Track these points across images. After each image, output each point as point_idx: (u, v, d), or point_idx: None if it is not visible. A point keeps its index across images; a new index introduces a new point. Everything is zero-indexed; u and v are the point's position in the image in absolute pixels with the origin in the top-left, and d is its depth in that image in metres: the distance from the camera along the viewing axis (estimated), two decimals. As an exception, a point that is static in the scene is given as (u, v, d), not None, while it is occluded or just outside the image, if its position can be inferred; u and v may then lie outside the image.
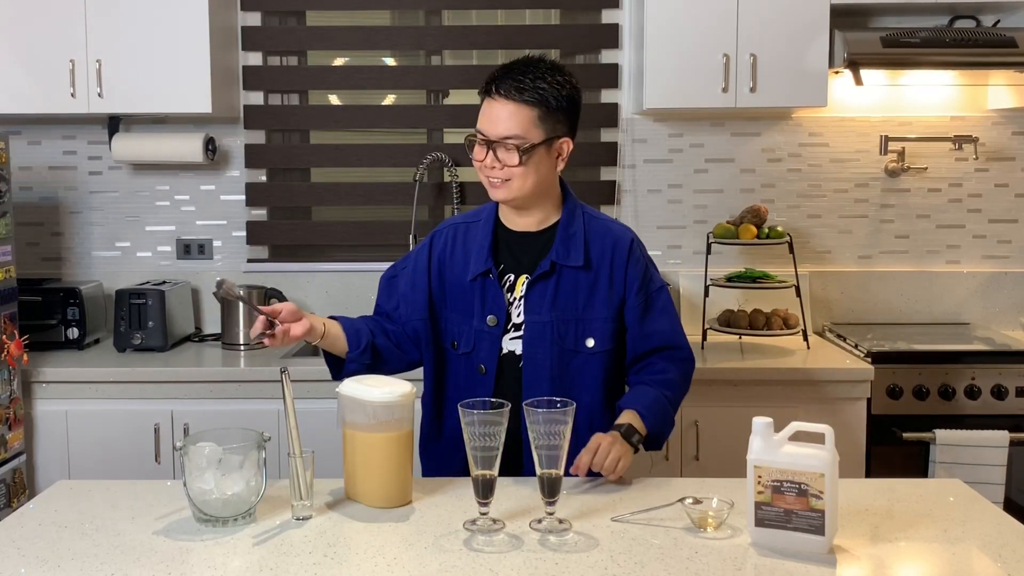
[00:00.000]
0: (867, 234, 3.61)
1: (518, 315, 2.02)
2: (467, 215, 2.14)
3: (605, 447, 1.86)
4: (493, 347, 2.02)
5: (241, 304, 3.22)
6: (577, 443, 1.81)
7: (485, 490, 1.65)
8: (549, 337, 1.99)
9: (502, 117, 1.91)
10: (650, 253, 2.13)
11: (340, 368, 2.08)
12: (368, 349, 2.06)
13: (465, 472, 1.69)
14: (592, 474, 1.87)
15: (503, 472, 1.90)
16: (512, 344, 2.02)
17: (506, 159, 1.92)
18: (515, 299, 2.02)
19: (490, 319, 2.01)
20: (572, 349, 2.00)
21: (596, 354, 2.01)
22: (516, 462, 1.96)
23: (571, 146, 2.00)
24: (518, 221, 2.04)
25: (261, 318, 1.87)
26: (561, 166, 2.00)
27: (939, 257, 3.62)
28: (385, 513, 1.74)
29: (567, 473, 1.70)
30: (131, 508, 1.77)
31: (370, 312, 2.24)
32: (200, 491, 1.67)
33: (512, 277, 2.03)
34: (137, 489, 1.87)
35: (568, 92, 1.95)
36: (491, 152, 1.93)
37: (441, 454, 2.11)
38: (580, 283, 2.00)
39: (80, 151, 3.60)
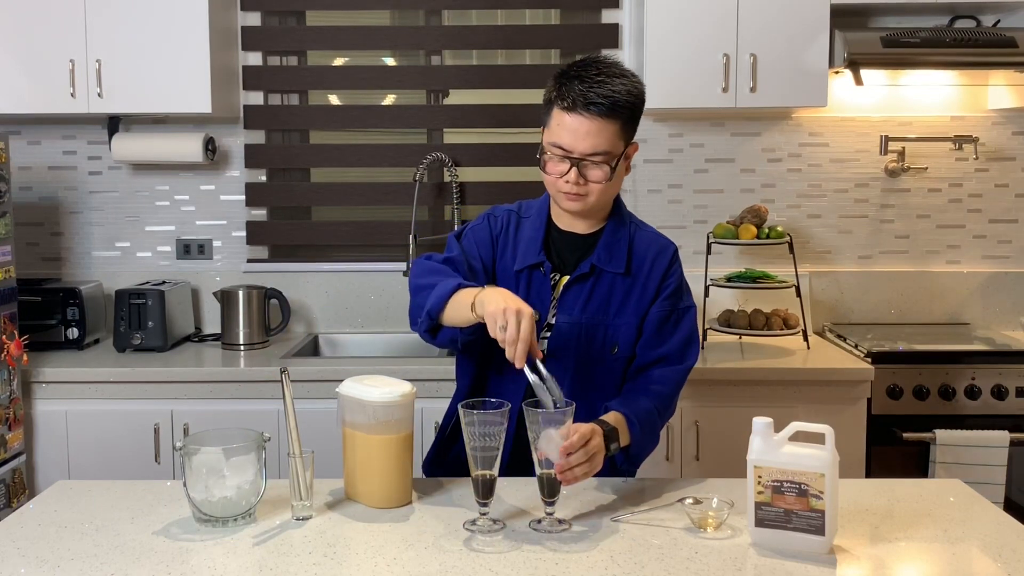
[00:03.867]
0: (867, 234, 3.61)
1: (553, 315, 1.96)
2: (518, 207, 2.06)
3: (593, 446, 1.68)
4: None
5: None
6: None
7: (485, 490, 1.65)
8: (577, 339, 1.93)
9: (591, 133, 1.82)
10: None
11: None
12: None
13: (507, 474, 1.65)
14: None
15: (515, 473, 1.91)
16: (541, 343, 1.94)
17: (592, 175, 1.85)
18: (555, 298, 1.96)
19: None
20: (598, 354, 1.95)
21: (619, 360, 1.97)
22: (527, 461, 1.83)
23: (637, 147, 1.95)
24: (571, 222, 1.98)
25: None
26: (630, 170, 1.96)
27: (939, 257, 3.62)
28: (385, 513, 1.74)
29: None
30: (131, 508, 1.77)
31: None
32: (200, 491, 1.67)
33: (557, 276, 1.98)
34: (137, 489, 1.87)
35: (641, 97, 1.89)
36: (575, 168, 1.84)
37: (453, 456, 2.04)
38: (616, 289, 1.95)
39: (80, 151, 3.60)
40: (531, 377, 1.70)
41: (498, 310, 1.68)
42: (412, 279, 1.97)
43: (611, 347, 1.96)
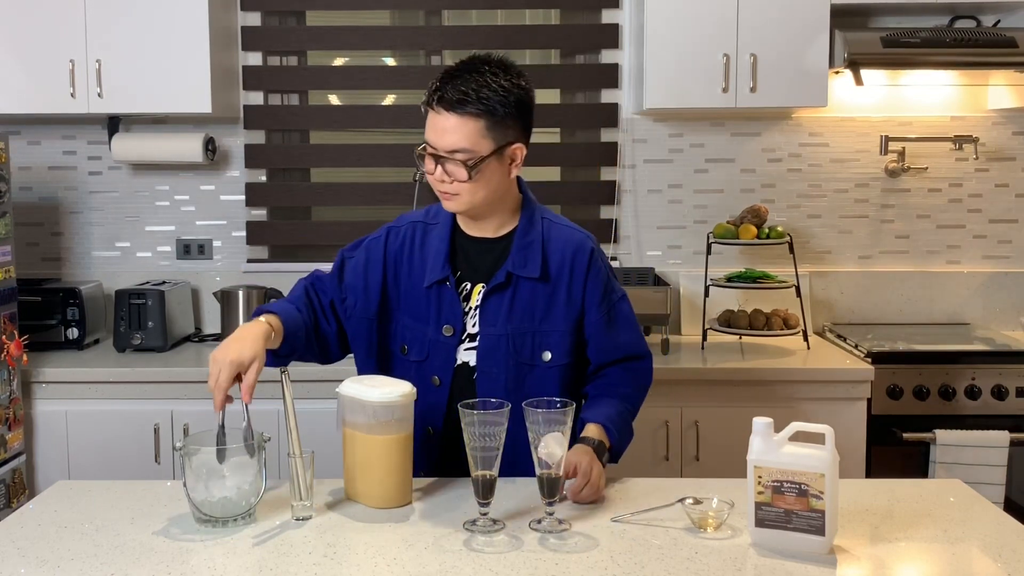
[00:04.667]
0: (867, 234, 3.61)
1: (473, 325, 1.92)
2: (427, 213, 2.01)
3: (596, 475, 1.79)
4: (448, 357, 1.92)
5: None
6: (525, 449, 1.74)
7: (485, 490, 1.65)
8: (504, 350, 1.90)
9: (447, 130, 1.80)
10: (650, 253, 2.09)
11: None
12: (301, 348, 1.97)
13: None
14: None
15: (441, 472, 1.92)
16: (466, 355, 1.93)
17: (455, 173, 1.82)
18: (471, 308, 1.92)
19: (446, 329, 1.91)
20: (528, 362, 1.91)
21: (553, 367, 1.93)
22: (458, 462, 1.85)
23: (525, 151, 1.88)
24: (475, 228, 1.95)
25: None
26: (515, 172, 1.90)
27: (939, 257, 3.62)
28: (385, 513, 1.74)
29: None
30: (131, 508, 1.77)
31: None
32: (200, 491, 1.67)
33: (469, 286, 1.93)
34: (137, 489, 1.87)
35: (517, 96, 1.83)
36: (440, 166, 1.83)
37: (436, 455, 2.04)
38: (538, 295, 1.91)
39: (80, 151, 3.60)
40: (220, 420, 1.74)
41: (210, 360, 1.76)
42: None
43: (541, 354, 1.92)
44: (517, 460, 1.81)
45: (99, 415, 3.02)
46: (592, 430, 1.89)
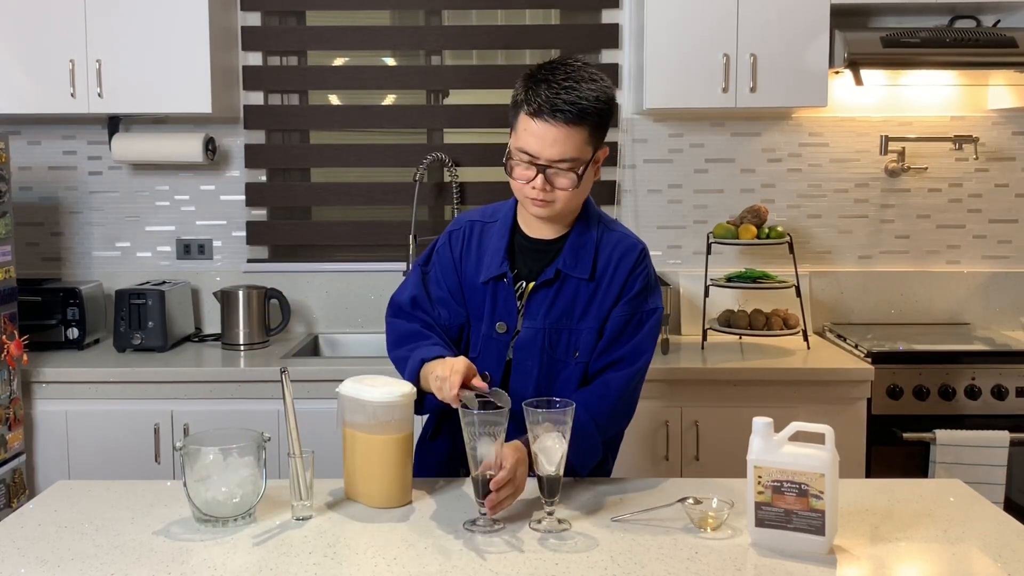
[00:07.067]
0: (867, 234, 3.61)
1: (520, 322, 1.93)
2: (484, 212, 2.02)
3: (521, 475, 1.71)
4: (500, 354, 1.93)
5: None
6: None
7: (485, 490, 1.65)
8: (540, 344, 1.90)
9: (557, 140, 1.77)
10: (650, 253, 2.07)
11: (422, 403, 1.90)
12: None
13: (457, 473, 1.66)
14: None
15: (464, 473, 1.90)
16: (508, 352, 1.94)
17: (559, 182, 1.80)
18: (523, 307, 1.93)
19: (499, 326, 1.92)
20: (561, 359, 1.91)
21: (579, 364, 1.93)
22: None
23: (607, 152, 1.90)
24: (539, 228, 1.94)
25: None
26: (599, 175, 1.91)
27: (939, 257, 3.62)
28: (385, 513, 1.74)
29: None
30: (131, 508, 1.77)
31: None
32: (200, 491, 1.67)
33: (524, 284, 1.93)
34: (137, 489, 1.87)
35: (611, 102, 1.83)
36: (541, 174, 1.80)
37: (436, 456, 2.06)
38: (581, 293, 1.91)
39: (80, 151, 3.60)
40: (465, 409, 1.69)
41: (434, 379, 1.75)
42: (389, 350, 2.00)
43: (573, 352, 1.92)
44: None
45: (99, 415, 3.02)
46: None
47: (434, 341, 1.92)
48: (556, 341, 1.91)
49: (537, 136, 1.78)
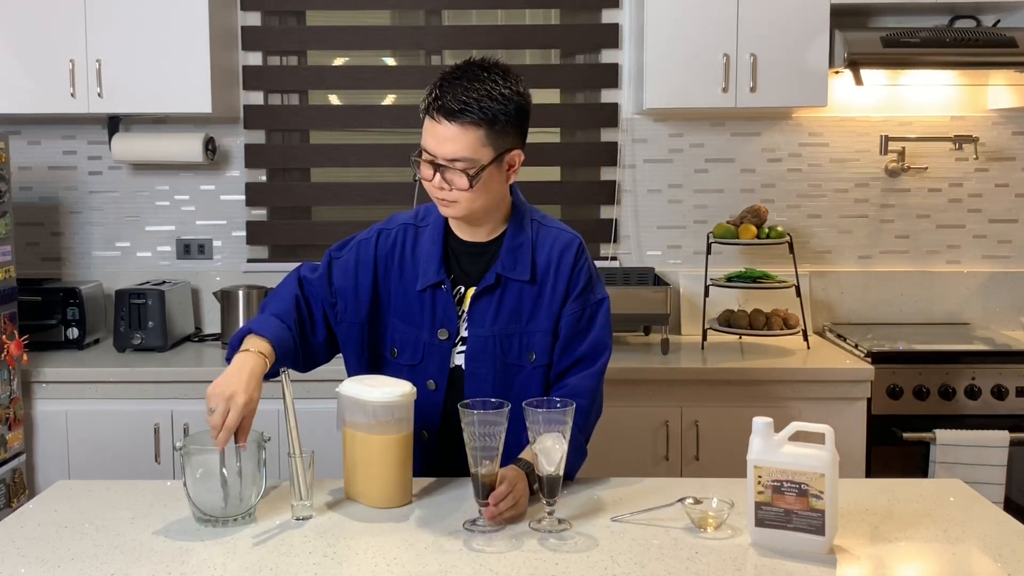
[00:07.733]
0: (867, 234, 3.61)
1: (465, 328, 1.91)
2: (417, 215, 1.99)
3: (520, 490, 1.70)
4: (444, 361, 1.91)
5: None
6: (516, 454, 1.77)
7: (485, 490, 1.65)
8: (492, 351, 1.89)
9: (448, 139, 1.78)
10: (650, 253, 2.06)
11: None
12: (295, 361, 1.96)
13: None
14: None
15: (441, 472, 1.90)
16: (460, 358, 1.92)
17: (455, 182, 1.79)
18: (463, 312, 1.91)
19: (441, 333, 1.90)
20: (516, 364, 1.90)
21: (538, 368, 1.92)
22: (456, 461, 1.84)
23: (522, 157, 1.86)
24: (468, 232, 1.93)
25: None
26: (512, 178, 1.88)
27: (939, 257, 3.62)
28: (385, 513, 1.74)
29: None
30: (131, 508, 1.77)
31: None
32: (200, 491, 1.67)
33: (462, 289, 1.92)
34: (137, 489, 1.87)
35: (516, 104, 1.81)
36: (438, 173, 1.80)
37: (436, 456, 2.03)
38: (525, 296, 1.89)
39: (80, 151, 3.60)
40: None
41: (212, 392, 1.71)
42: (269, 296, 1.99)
43: (528, 355, 1.91)
44: None
45: (99, 415, 3.02)
46: (528, 453, 1.76)
47: (277, 315, 1.91)
48: (508, 346, 1.90)
49: (431, 134, 1.81)
